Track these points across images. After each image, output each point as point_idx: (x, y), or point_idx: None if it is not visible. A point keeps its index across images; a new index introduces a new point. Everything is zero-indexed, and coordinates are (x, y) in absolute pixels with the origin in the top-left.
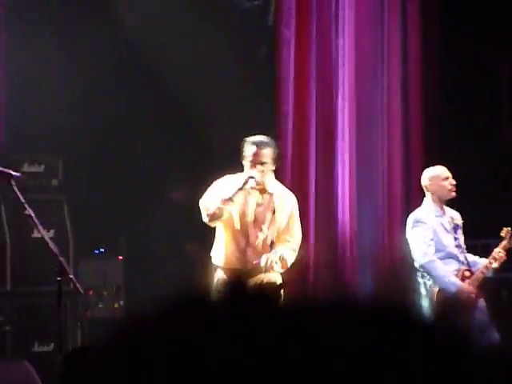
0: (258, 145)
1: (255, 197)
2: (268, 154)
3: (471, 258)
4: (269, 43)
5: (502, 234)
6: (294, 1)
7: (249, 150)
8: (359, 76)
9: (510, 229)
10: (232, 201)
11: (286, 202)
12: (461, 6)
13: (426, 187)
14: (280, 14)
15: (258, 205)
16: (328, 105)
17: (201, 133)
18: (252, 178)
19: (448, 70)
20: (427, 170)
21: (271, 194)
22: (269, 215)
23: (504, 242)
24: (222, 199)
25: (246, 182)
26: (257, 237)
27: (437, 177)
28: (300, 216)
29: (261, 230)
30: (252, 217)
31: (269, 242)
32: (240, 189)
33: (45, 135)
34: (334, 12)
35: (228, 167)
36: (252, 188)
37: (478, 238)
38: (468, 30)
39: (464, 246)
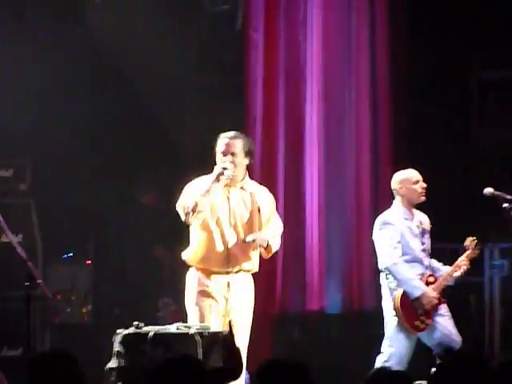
0: (229, 137)
1: (235, 195)
2: (239, 145)
3: (435, 263)
4: (237, 47)
5: (466, 243)
6: (263, 5)
7: (220, 142)
8: (327, 78)
9: (473, 238)
10: (208, 193)
11: (266, 199)
12: (429, 5)
13: (395, 190)
14: (248, 18)
15: (237, 204)
16: (297, 108)
17: (170, 137)
18: (225, 168)
19: (417, 71)
20: (397, 173)
21: (252, 193)
22: (255, 215)
23: (468, 251)
24: (199, 194)
25: (220, 173)
26: (236, 236)
27: (407, 180)
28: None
29: (239, 229)
30: (231, 217)
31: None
32: (215, 181)
33: (13, 139)
34: (302, 15)
35: (197, 171)
36: (226, 179)
37: (447, 242)
38: (437, 30)
39: (429, 250)
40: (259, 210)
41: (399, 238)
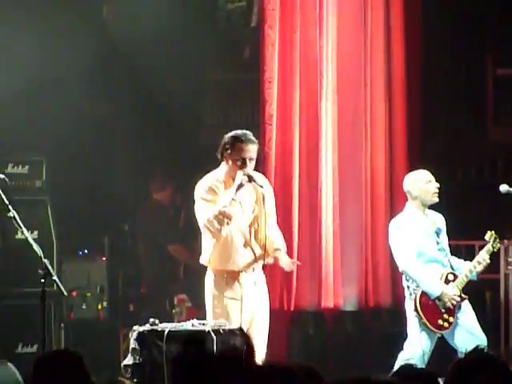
0: (250, 141)
1: (249, 195)
2: (257, 149)
3: (455, 261)
4: (253, 44)
5: (486, 237)
6: (278, 1)
7: (248, 148)
8: (343, 75)
9: (493, 232)
10: (234, 201)
11: (269, 188)
12: (444, 2)
13: (408, 192)
14: (264, 15)
15: (254, 202)
16: (312, 105)
17: (186, 133)
18: (251, 178)
19: (431, 68)
20: (409, 174)
21: (261, 187)
22: (262, 210)
23: (488, 246)
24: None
25: (247, 181)
26: (255, 234)
27: (419, 181)
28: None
29: (258, 227)
30: (245, 213)
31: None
32: (239, 189)
33: (29, 136)
34: (318, 12)
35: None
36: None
37: (462, 239)
38: (451, 27)
39: (447, 249)
40: (263, 199)
41: (413, 240)
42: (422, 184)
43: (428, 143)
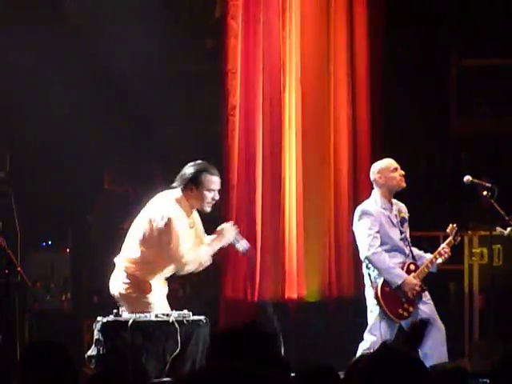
0: (217, 174)
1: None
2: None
3: (416, 251)
4: (216, 35)
5: (448, 230)
6: None
7: (215, 180)
8: (306, 66)
9: (455, 225)
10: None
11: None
12: None
13: (375, 181)
14: (227, 6)
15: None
16: (276, 96)
17: (147, 124)
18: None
19: (395, 59)
20: (375, 163)
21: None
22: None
23: (449, 238)
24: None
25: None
26: None
27: (385, 169)
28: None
29: None
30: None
31: None
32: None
33: None
34: (282, 3)
35: (171, 159)
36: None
37: (426, 230)
38: (416, 17)
39: (409, 239)
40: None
41: (378, 228)
42: (388, 172)
43: (391, 134)
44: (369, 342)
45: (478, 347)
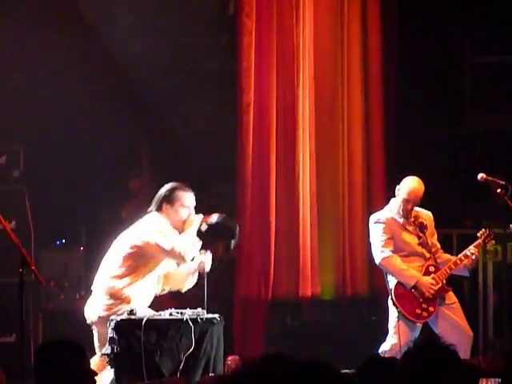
0: (190, 190)
1: None
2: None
3: (446, 257)
4: (230, 32)
5: (478, 234)
6: None
7: (184, 194)
8: (320, 63)
9: (487, 230)
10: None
11: None
12: None
13: (397, 189)
14: (241, 3)
15: None
16: (289, 93)
17: (160, 122)
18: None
19: (409, 55)
20: (412, 180)
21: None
22: None
23: (478, 241)
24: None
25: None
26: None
27: (404, 191)
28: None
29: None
30: None
31: None
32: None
33: (6, 126)
34: (295, 0)
35: (189, 156)
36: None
37: (440, 228)
38: (429, 14)
39: (436, 245)
40: None
41: (390, 235)
42: (407, 196)
43: (405, 131)
44: (389, 343)
45: (493, 345)
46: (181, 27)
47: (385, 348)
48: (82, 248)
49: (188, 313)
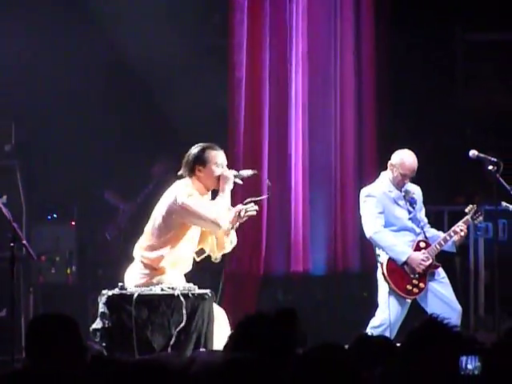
0: (220, 149)
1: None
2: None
3: (434, 232)
4: (222, 9)
5: (466, 210)
6: None
7: (216, 153)
8: (312, 38)
9: (474, 206)
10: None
11: None
12: None
13: (390, 165)
14: None
15: None
16: (281, 68)
17: (154, 98)
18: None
19: (401, 31)
20: (403, 153)
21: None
22: None
23: (467, 217)
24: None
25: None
26: None
27: (400, 167)
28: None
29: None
30: None
31: None
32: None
33: None
34: None
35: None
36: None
37: (431, 205)
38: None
39: (423, 219)
40: None
41: (382, 209)
42: (402, 171)
43: (397, 108)
44: (379, 319)
45: (484, 322)
46: (175, 5)
47: (374, 323)
48: (73, 223)
49: (179, 288)
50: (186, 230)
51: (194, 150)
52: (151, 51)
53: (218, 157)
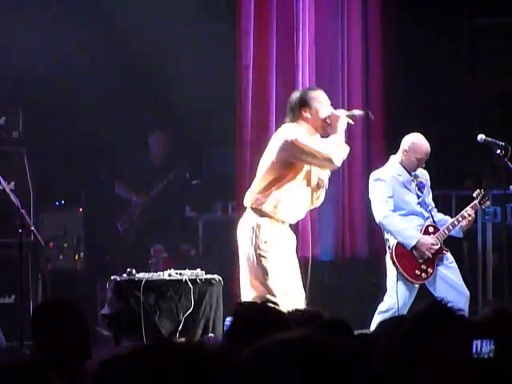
0: (318, 88)
1: None
2: None
3: (441, 216)
4: None
5: (474, 194)
6: None
7: (317, 92)
8: (320, 25)
9: (482, 190)
10: None
11: None
12: None
13: (402, 149)
14: None
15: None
16: (289, 55)
17: (159, 85)
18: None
19: (408, 18)
20: (415, 136)
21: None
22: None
23: (475, 202)
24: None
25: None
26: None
27: (414, 151)
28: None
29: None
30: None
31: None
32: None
33: (5, 87)
34: None
35: (187, 118)
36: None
37: (439, 189)
38: None
39: (431, 203)
40: None
41: (391, 193)
42: (416, 155)
43: (404, 96)
44: (387, 303)
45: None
46: None
47: (382, 308)
48: (80, 209)
49: (187, 273)
50: (297, 173)
51: (295, 94)
52: (154, 36)
53: (319, 95)
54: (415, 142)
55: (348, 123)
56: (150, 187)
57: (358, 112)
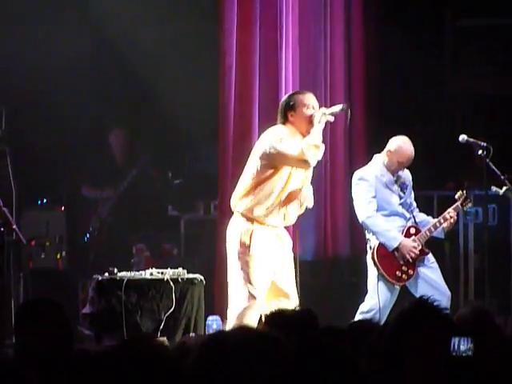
0: (308, 92)
1: None
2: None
3: (423, 217)
4: None
5: (456, 196)
6: None
7: (304, 95)
8: (303, 24)
9: (464, 192)
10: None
11: None
12: None
13: (387, 150)
14: None
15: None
16: (272, 55)
17: (145, 84)
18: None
19: (390, 18)
20: (401, 139)
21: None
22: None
23: (457, 204)
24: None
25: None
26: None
27: (400, 155)
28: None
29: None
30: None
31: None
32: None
33: None
34: None
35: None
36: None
37: (420, 190)
38: None
39: (413, 204)
40: None
41: (374, 193)
42: (400, 159)
43: (387, 95)
44: (368, 304)
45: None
46: None
47: (363, 309)
48: (63, 208)
49: (169, 273)
50: (281, 176)
51: (283, 99)
52: (137, 35)
53: (307, 99)
54: (401, 145)
55: (327, 121)
56: (115, 185)
57: (338, 107)
